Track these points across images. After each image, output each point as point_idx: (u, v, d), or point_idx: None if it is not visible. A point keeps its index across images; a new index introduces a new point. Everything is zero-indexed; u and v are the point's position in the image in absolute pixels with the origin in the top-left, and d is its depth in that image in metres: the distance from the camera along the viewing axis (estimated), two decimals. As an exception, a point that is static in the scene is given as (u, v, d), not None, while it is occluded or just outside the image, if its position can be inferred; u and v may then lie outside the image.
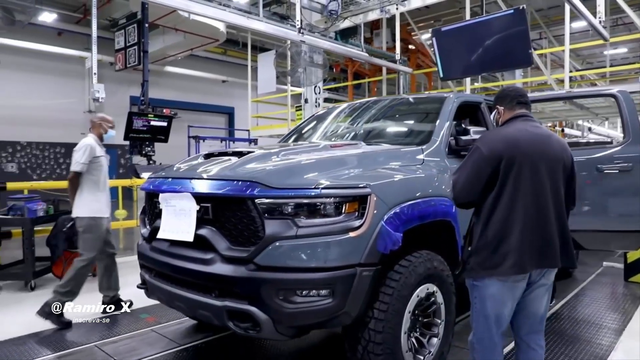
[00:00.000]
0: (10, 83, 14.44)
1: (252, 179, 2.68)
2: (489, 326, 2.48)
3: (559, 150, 2.49)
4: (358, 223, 2.65)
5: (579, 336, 4.06)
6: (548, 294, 2.59)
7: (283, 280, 2.59)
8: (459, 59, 7.90)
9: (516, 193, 2.36)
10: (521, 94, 2.67)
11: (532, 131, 2.50)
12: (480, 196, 2.44)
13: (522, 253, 2.35)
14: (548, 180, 2.41)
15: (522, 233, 2.34)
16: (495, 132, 2.63)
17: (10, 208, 5.93)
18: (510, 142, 2.41)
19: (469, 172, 2.46)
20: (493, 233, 2.38)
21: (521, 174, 2.36)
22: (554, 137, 2.56)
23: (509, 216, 2.36)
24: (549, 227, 2.39)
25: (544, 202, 2.39)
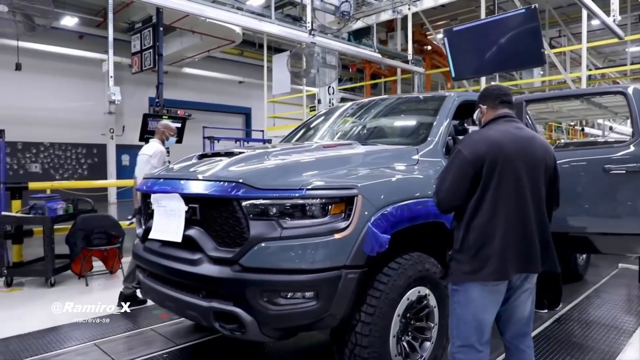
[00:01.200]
0: (34, 86, 14.80)
1: (238, 180, 2.69)
2: (468, 333, 2.41)
3: (541, 152, 2.45)
4: (344, 225, 2.63)
5: (587, 337, 3.99)
6: (532, 296, 2.55)
7: (267, 281, 2.58)
8: (470, 58, 7.81)
9: (498, 196, 2.31)
10: (505, 93, 2.61)
11: (515, 133, 2.45)
12: (464, 200, 2.39)
13: (503, 258, 2.30)
14: (529, 182, 2.37)
15: (504, 237, 2.29)
16: (478, 134, 2.56)
17: (31, 207, 6.13)
18: (492, 145, 2.36)
19: (452, 176, 2.39)
20: (474, 237, 2.33)
21: (503, 177, 2.31)
22: (537, 139, 2.51)
23: (490, 220, 2.31)
24: (530, 231, 2.35)
25: (526, 205, 2.34)
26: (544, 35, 12.54)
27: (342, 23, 9.63)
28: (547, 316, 4.48)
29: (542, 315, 4.50)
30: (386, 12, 9.26)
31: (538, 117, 10.96)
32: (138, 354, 3.63)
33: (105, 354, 3.64)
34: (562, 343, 3.85)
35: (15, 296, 5.45)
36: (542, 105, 9.47)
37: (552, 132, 17.34)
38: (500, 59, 7.42)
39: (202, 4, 7.18)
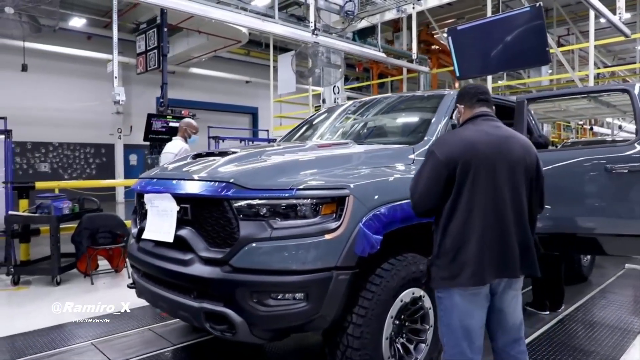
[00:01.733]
0: (43, 86, 14.93)
1: (228, 180, 2.67)
2: (457, 341, 2.35)
3: (520, 151, 2.35)
4: (334, 225, 2.60)
5: (590, 338, 3.94)
6: (519, 301, 2.48)
7: (257, 282, 2.56)
8: (475, 57, 7.74)
9: (473, 199, 2.24)
10: (481, 91, 2.53)
11: (491, 132, 2.37)
12: (439, 204, 2.32)
13: (480, 263, 2.23)
14: (507, 184, 2.28)
15: (479, 242, 2.22)
16: (452, 134, 2.52)
17: (38, 206, 6.20)
18: (466, 146, 2.28)
19: (425, 178, 2.33)
20: (450, 242, 2.27)
21: (478, 178, 2.24)
22: (515, 138, 2.40)
23: (466, 224, 2.23)
24: (507, 235, 2.26)
25: (503, 207, 2.26)
26: (552, 34, 12.43)
27: (346, 22, 9.60)
28: (549, 318, 4.42)
29: (543, 317, 4.45)
30: (390, 11, 9.21)
31: (545, 117, 10.84)
32: (133, 354, 3.63)
33: (101, 353, 3.65)
34: (564, 344, 3.80)
35: (21, 294, 5.53)
36: (548, 104, 9.36)
37: (562, 131, 17.17)
38: (505, 58, 7.34)
39: (204, 4, 7.21)
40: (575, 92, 5.45)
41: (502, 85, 12.10)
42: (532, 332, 4.05)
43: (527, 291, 4.76)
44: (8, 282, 5.88)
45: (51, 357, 3.65)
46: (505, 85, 12.16)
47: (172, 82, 16.54)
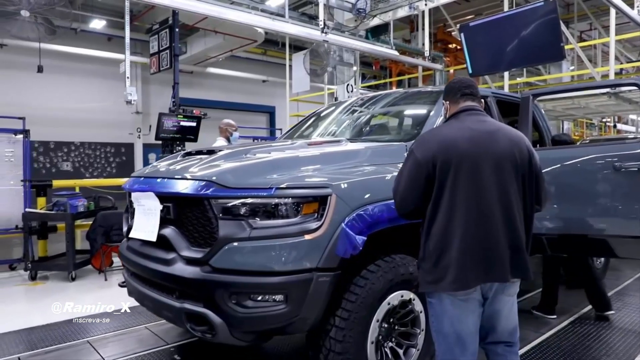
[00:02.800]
0: (66, 87, 15.18)
1: (208, 178, 2.63)
2: (449, 346, 2.25)
3: (508, 146, 2.19)
4: (315, 225, 2.53)
5: (601, 341, 3.83)
6: (513, 306, 2.34)
7: (235, 283, 2.51)
8: (487, 54, 7.58)
9: (454, 200, 2.12)
10: (466, 85, 2.39)
11: (475, 127, 2.23)
12: (420, 205, 2.22)
13: (463, 267, 2.11)
14: (493, 181, 2.13)
15: (461, 244, 2.10)
16: (432, 132, 2.38)
17: (54, 204, 6.36)
18: (445, 144, 2.16)
19: (405, 179, 2.24)
20: (432, 245, 2.17)
21: (459, 178, 2.12)
22: (502, 132, 2.25)
23: (447, 226, 2.12)
24: (493, 236, 2.12)
25: (488, 207, 2.12)
26: (572, 29, 12.10)
27: (358, 21, 9.51)
28: (556, 322, 4.27)
29: (550, 321, 4.30)
30: (403, 8, 9.08)
31: (565, 114, 10.55)
32: (126, 353, 3.64)
33: (95, 352, 3.66)
34: (574, 347, 3.70)
35: (37, 289, 5.74)
36: (567, 102, 9.12)
37: (585, 128, 16.71)
38: (518, 54, 7.16)
39: (214, 4, 7.23)
40: (580, 87, 5.30)
41: (520, 82, 11.84)
42: (538, 336, 3.94)
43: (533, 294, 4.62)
44: (26, 277, 6.11)
45: (47, 353, 3.69)
46: (524, 82, 11.87)
47: (190, 81, 16.70)
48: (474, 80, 2.51)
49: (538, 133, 4.82)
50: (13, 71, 13.27)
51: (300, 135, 4.41)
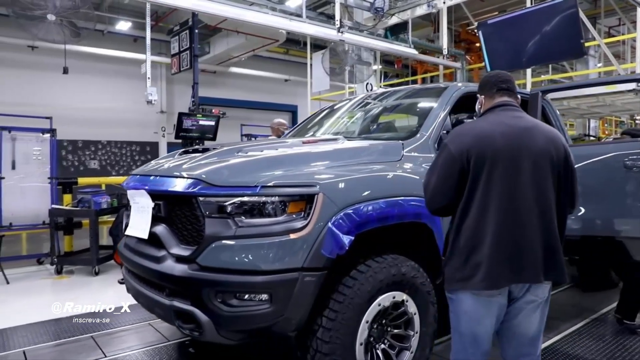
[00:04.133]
0: (92, 87, 15.56)
1: (196, 177, 2.63)
2: (464, 345, 2.23)
3: (544, 143, 2.14)
4: (300, 224, 2.50)
5: (618, 343, 3.74)
6: (540, 311, 2.22)
7: (221, 282, 2.50)
8: (506, 52, 7.48)
9: (489, 196, 2.06)
10: (502, 80, 2.31)
11: (510, 123, 2.17)
12: (454, 200, 2.16)
13: (494, 265, 2.05)
14: (530, 179, 2.08)
15: (494, 242, 2.05)
16: (467, 126, 2.32)
17: (79, 201, 6.58)
18: (481, 138, 2.11)
19: (438, 174, 2.18)
20: (464, 241, 2.12)
21: (494, 173, 2.06)
22: (539, 129, 2.20)
23: (480, 222, 2.07)
24: (528, 235, 2.07)
25: (523, 205, 2.07)
26: (599, 24, 11.72)
27: (376, 19, 9.45)
28: (565, 327, 4.14)
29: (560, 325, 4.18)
30: (421, 7, 8.96)
31: (590, 112, 10.25)
32: (126, 348, 3.70)
33: (97, 347, 3.73)
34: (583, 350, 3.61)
35: (62, 283, 6.01)
36: (592, 99, 8.87)
37: (615, 126, 16.20)
38: (537, 52, 7.03)
39: (231, 5, 7.31)
40: (590, 84, 5.16)
41: (545, 79, 11.54)
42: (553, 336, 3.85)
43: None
44: (52, 271, 6.38)
45: (48, 348, 3.77)
46: (548, 79, 11.57)
47: (214, 81, 16.88)
48: (511, 75, 2.45)
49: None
50: (42, 72, 13.66)
51: (304, 133, 4.39)
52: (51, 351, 3.69)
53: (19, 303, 5.12)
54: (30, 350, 3.69)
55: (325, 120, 4.48)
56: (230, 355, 3.65)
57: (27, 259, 7.20)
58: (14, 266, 6.59)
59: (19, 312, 4.64)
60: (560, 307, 4.67)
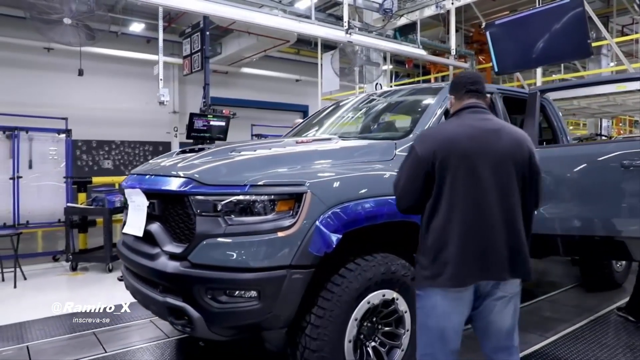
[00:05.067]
0: (106, 88, 15.80)
1: (187, 175, 2.70)
2: (431, 341, 2.26)
3: (509, 144, 2.18)
4: (289, 222, 2.55)
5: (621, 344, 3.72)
6: (512, 305, 2.28)
7: (211, 278, 2.55)
8: (513, 52, 7.49)
9: (454, 197, 2.12)
10: (472, 81, 2.34)
11: (477, 125, 2.21)
12: (421, 200, 2.22)
13: (460, 264, 2.10)
14: (495, 180, 2.13)
15: (460, 242, 2.10)
16: (435, 129, 2.39)
17: (93, 199, 6.74)
18: (446, 141, 2.15)
19: (406, 175, 2.25)
20: (432, 241, 2.17)
21: (458, 175, 2.11)
22: (505, 131, 2.23)
23: (447, 222, 2.13)
24: (493, 235, 2.12)
25: (489, 206, 2.12)
26: (612, 22, 11.57)
27: (385, 20, 9.47)
28: (562, 327, 4.13)
29: (558, 327, 4.16)
30: (430, 7, 8.97)
31: (601, 111, 10.14)
32: (126, 345, 3.78)
33: (98, 343, 3.82)
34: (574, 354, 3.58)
35: (77, 279, 6.21)
36: (602, 99, 8.79)
37: (630, 126, 15.97)
38: (544, 52, 7.02)
39: (240, 7, 7.39)
40: (590, 83, 5.13)
41: (556, 79, 11.44)
42: (541, 340, 3.82)
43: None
44: (68, 268, 6.56)
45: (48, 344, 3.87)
46: (560, 79, 11.46)
47: (226, 81, 17.03)
48: (481, 75, 2.49)
49: (552, 132, 4.66)
50: (58, 73, 13.91)
51: (304, 133, 4.44)
52: (53, 347, 3.79)
53: (33, 299, 5.28)
54: (34, 345, 3.79)
55: (324, 120, 4.52)
56: (230, 351, 3.71)
57: (43, 256, 7.40)
58: (31, 263, 6.79)
59: (32, 308, 4.75)
60: (561, 306, 4.66)
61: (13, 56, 13.06)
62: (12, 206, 7.55)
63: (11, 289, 5.70)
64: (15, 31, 11.99)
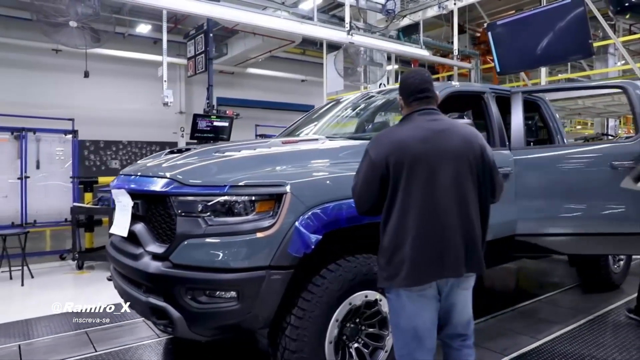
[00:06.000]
0: (115, 89, 15.95)
1: (171, 176, 2.72)
2: (405, 341, 2.29)
3: (460, 143, 2.24)
4: (268, 223, 2.55)
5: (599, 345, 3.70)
6: (468, 299, 2.39)
7: (191, 279, 2.56)
8: (515, 52, 7.48)
9: (408, 198, 2.16)
10: (420, 89, 2.35)
11: (427, 127, 2.26)
12: (377, 203, 2.27)
13: (415, 263, 2.15)
14: (448, 179, 2.18)
15: (415, 241, 2.15)
16: (388, 132, 2.39)
17: (99, 199, 6.83)
18: (398, 144, 2.21)
19: (361, 178, 2.30)
20: (388, 242, 2.22)
21: (412, 177, 2.16)
22: (455, 129, 2.29)
23: (401, 224, 2.17)
24: (448, 234, 2.17)
25: (443, 205, 2.17)
26: (618, 20, 11.43)
27: (388, 21, 9.47)
28: (554, 329, 4.08)
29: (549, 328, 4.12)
30: (432, 8, 8.95)
31: (607, 111, 10.04)
32: (117, 344, 3.81)
33: (90, 342, 3.85)
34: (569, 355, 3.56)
35: (83, 278, 6.37)
36: (607, 98, 8.71)
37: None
38: (545, 52, 7.01)
39: (242, 10, 7.44)
40: (567, 88, 5.18)
41: (562, 78, 11.33)
42: (532, 342, 3.79)
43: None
44: (74, 266, 6.70)
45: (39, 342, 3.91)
46: (565, 78, 11.35)
47: (232, 82, 17.10)
48: (429, 76, 2.47)
49: (547, 132, 4.65)
50: (65, 74, 14.06)
51: (295, 133, 4.44)
52: (45, 346, 3.84)
53: (38, 297, 5.43)
54: (26, 344, 3.84)
55: (316, 120, 4.53)
56: (221, 350, 3.72)
57: (50, 255, 7.54)
58: (38, 262, 6.92)
59: (36, 306, 4.85)
60: (556, 308, 4.63)
61: (21, 58, 13.23)
62: (20, 206, 7.71)
63: (19, 286, 5.85)
64: (24, 33, 12.14)
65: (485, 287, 5.52)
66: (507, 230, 3.81)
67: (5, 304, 5.26)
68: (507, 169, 3.79)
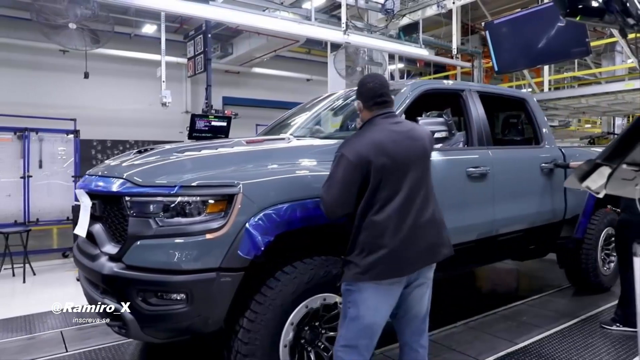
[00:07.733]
0: (120, 89, 16.09)
1: (126, 176, 2.69)
2: (358, 334, 2.36)
3: (421, 142, 2.46)
4: (217, 224, 2.51)
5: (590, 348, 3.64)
6: (428, 291, 2.56)
7: (141, 280, 2.53)
8: (513, 51, 7.38)
9: (387, 196, 2.30)
10: (379, 94, 2.47)
11: (396, 129, 2.42)
12: (354, 206, 2.35)
13: (399, 256, 2.29)
14: (418, 176, 2.39)
15: (397, 235, 2.28)
16: (359, 136, 2.44)
17: None
18: (376, 145, 2.32)
19: (339, 183, 2.32)
20: (365, 237, 2.31)
21: (390, 176, 2.31)
22: (415, 130, 2.51)
23: (381, 220, 2.29)
24: (423, 225, 2.36)
25: (416, 200, 2.35)
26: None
27: (388, 20, 9.38)
28: (534, 333, 3.98)
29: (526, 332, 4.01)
30: (431, 7, 8.84)
31: (611, 109, 9.83)
32: (90, 344, 3.80)
33: (62, 342, 3.85)
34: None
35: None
36: (610, 97, 8.55)
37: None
38: (543, 51, 6.90)
39: (239, 10, 7.43)
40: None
41: (567, 76, 11.13)
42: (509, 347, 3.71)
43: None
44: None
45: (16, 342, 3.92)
46: (571, 76, 11.14)
47: (237, 81, 17.12)
48: (386, 81, 2.60)
49: (532, 130, 4.57)
50: (69, 75, 14.17)
51: (273, 131, 4.40)
52: (17, 346, 3.84)
53: (38, 295, 5.53)
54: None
55: (291, 120, 4.49)
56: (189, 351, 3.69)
57: (53, 253, 7.62)
58: (41, 259, 7.02)
59: (38, 304, 4.91)
60: (540, 311, 4.53)
61: (25, 58, 13.39)
62: (22, 204, 7.82)
63: (20, 283, 5.96)
64: (27, 33, 12.28)
65: (470, 289, 5.43)
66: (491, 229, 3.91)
67: (5, 300, 5.37)
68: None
